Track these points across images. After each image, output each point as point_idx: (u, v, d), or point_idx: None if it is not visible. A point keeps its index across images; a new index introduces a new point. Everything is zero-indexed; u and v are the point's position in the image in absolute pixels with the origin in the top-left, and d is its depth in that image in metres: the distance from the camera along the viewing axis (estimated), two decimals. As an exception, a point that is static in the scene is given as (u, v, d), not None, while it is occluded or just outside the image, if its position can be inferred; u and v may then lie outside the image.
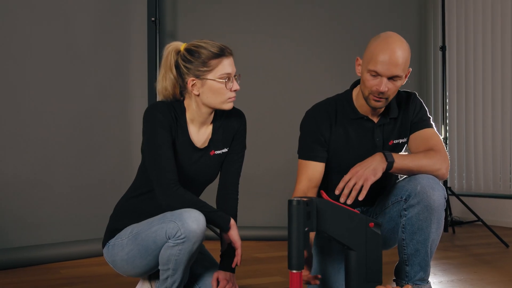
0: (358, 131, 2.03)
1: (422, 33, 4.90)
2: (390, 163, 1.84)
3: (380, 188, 2.01)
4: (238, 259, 1.89)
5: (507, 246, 3.51)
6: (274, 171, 4.01)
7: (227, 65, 1.85)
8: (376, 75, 1.87)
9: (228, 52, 1.86)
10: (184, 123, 1.92)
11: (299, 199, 1.61)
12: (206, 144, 1.97)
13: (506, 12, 4.63)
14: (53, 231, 3.12)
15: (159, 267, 1.82)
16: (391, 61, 1.84)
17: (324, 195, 1.75)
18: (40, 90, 3.14)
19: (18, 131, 3.05)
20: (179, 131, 1.90)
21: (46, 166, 3.14)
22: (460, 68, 4.99)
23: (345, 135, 2.02)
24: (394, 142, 2.04)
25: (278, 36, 4.15)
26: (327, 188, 2.00)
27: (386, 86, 1.87)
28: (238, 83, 1.89)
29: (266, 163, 4.00)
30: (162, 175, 1.81)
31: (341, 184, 1.82)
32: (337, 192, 1.82)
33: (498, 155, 4.69)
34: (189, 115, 1.93)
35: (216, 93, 1.86)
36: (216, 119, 1.98)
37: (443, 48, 4.30)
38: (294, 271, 1.60)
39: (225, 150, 2.01)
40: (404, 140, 2.05)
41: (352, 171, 1.83)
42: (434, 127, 2.05)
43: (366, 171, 1.81)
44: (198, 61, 1.83)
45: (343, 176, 1.84)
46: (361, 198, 1.79)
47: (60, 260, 3.03)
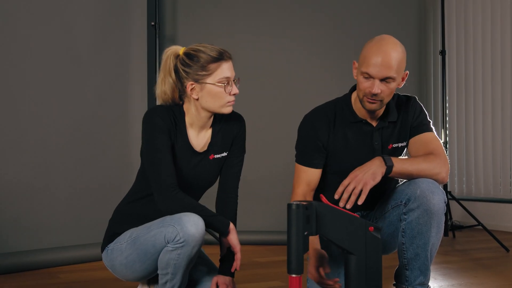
0: (356, 135, 2.02)
1: (421, 37, 4.91)
2: (389, 167, 1.84)
3: (380, 193, 2.01)
4: (237, 263, 1.89)
5: (508, 250, 3.50)
6: (273, 175, 4.01)
7: (226, 69, 1.85)
8: (369, 77, 1.87)
9: (227, 56, 1.86)
10: (183, 127, 1.91)
11: (299, 203, 1.60)
12: (205, 148, 1.96)
13: (505, 16, 4.63)
14: (52, 235, 3.12)
15: (158, 272, 1.81)
16: (383, 62, 1.84)
17: (324, 199, 1.74)
18: (40, 94, 3.14)
19: (18, 135, 3.05)
20: (178, 135, 1.89)
21: (45, 170, 3.13)
22: (460, 72, 4.99)
23: (344, 139, 2.02)
24: (394, 146, 2.04)
25: (277, 41, 4.16)
26: (324, 190, 2.00)
27: (379, 88, 1.86)
28: (237, 87, 1.89)
29: (265, 167, 4.00)
30: (161, 179, 1.80)
31: (340, 189, 1.81)
32: (336, 197, 1.81)
33: (498, 159, 4.69)
34: (188, 119, 1.93)
35: (215, 97, 1.86)
36: (215, 123, 1.98)
37: (442, 52, 4.31)
38: (294, 275, 1.59)
39: (224, 154, 2.00)
40: (404, 144, 2.05)
41: (351, 175, 1.83)
42: (434, 131, 2.04)
43: (365, 175, 1.80)
44: (197, 65, 1.83)
45: (341, 178, 1.83)
46: (360, 202, 1.78)
47: (59, 265, 3.02)
